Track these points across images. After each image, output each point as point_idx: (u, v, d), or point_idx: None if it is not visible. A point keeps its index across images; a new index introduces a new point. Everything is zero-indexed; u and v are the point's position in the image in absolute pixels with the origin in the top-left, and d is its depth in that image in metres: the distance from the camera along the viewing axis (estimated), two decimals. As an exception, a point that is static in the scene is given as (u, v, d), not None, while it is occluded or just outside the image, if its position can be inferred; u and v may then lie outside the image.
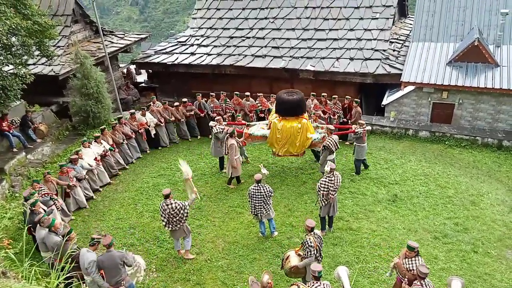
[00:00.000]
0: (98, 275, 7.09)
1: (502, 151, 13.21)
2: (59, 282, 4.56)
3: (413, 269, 6.66)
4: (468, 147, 13.54)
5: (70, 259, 6.11)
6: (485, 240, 9.32)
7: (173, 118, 14.42)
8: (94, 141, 12.10)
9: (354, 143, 12.07)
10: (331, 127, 11.68)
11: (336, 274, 6.67)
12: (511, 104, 13.65)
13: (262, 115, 14.65)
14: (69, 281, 6.21)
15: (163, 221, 8.71)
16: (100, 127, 13.07)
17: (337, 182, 9.06)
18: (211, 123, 12.50)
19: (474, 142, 13.66)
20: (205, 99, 14.96)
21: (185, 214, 8.63)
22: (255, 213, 9.25)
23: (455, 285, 6.23)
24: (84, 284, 6.60)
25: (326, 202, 9.13)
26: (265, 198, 9.04)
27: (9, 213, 8.59)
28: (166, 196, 8.54)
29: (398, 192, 11.19)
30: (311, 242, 7.28)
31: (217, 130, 12.05)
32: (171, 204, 8.50)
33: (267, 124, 12.33)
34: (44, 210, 8.92)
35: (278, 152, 11.95)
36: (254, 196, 9.04)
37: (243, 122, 13.01)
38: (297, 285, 6.53)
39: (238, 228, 10.08)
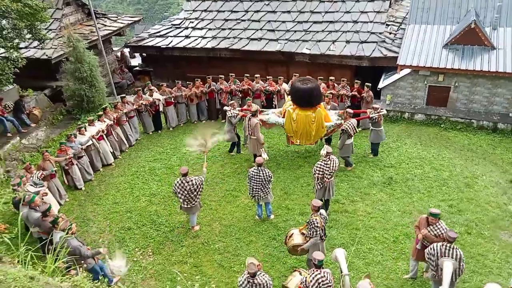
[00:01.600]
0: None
1: (497, 133, 13.28)
2: (56, 267, 4.58)
3: (441, 234, 7.11)
4: (463, 130, 13.59)
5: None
6: (479, 222, 9.44)
7: (184, 100, 14.28)
8: (98, 120, 12.12)
9: (370, 127, 11.92)
10: (350, 110, 11.43)
11: (334, 256, 6.76)
12: (507, 87, 13.66)
13: (270, 96, 14.49)
14: (66, 265, 6.24)
15: (180, 197, 8.86)
16: (102, 106, 13.06)
17: (333, 166, 9.05)
18: (225, 108, 12.42)
19: (469, 125, 13.70)
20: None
21: (201, 189, 8.93)
22: (253, 195, 9.30)
23: (447, 267, 6.33)
24: (80, 269, 6.64)
25: (321, 186, 9.17)
26: (264, 181, 9.06)
27: (4, 198, 8.54)
28: (185, 174, 8.72)
29: (394, 174, 11.26)
30: (317, 223, 7.34)
31: (231, 114, 11.95)
32: (191, 180, 8.75)
33: (280, 113, 12.19)
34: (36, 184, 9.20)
35: (294, 141, 11.82)
36: (253, 178, 9.06)
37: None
38: (299, 271, 6.62)
39: (235, 211, 10.14)
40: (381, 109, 11.77)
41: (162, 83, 14.74)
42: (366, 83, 13.40)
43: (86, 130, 11.63)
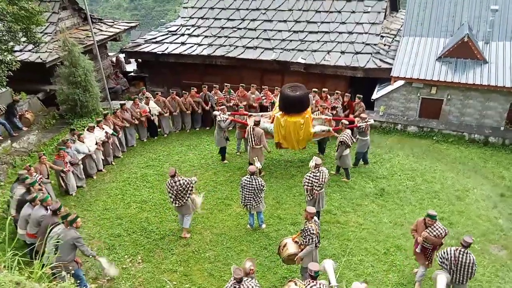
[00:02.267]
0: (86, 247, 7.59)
1: (488, 147, 13.39)
2: (43, 273, 4.51)
3: (440, 234, 7.46)
4: (455, 142, 13.69)
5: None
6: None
7: (178, 110, 14.28)
8: (96, 126, 12.08)
9: (357, 136, 12.03)
10: (346, 121, 11.49)
11: (322, 267, 6.73)
12: (498, 101, 13.81)
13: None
14: (54, 271, 6.15)
15: (170, 197, 9.06)
16: (103, 113, 13.09)
17: (322, 178, 8.98)
18: (215, 112, 12.56)
19: (461, 138, 13.81)
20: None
21: (190, 189, 9.06)
22: (245, 204, 9.26)
23: (441, 280, 6.33)
24: (68, 275, 6.56)
25: (311, 197, 9.15)
26: (256, 190, 9.03)
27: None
28: (173, 176, 8.95)
29: (386, 186, 11.29)
30: (313, 230, 7.35)
31: (220, 118, 12.05)
32: (179, 181, 8.93)
33: (270, 117, 12.26)
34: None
35: (282, 144, 11.90)
36: (246, 187, 9.03)
37: (246, 112, 12.96)
38: (294, 281, 6.58)
39: (226, 220, 10.09)
40: (369, 119, 11.90)
41: (157, 92, 14.69)
42: (358, 95, 13.47)
43: (85, 137, 11.56)
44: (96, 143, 11.81)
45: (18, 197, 8.75)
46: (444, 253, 7.15)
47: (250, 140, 11.19)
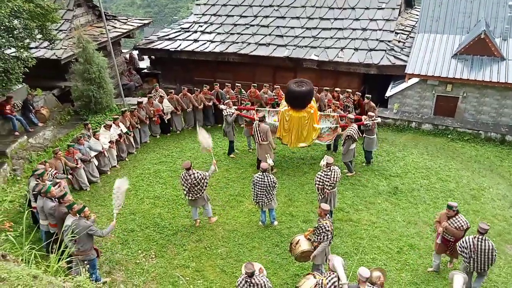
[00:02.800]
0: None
1: (505, 145, 13.16)
2: (59, 266, 4.58)
3: (461, 226, 7.67)
4: (471, 141, 13.48)
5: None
6: (485, 234, 9.31)
7: (191, 107, 14.39)
8: (113, 123, 12.23)
9: (364, 134, 11.97)
10: (351, 116, 11.57)
11: (331, 264, 6.63)
12: (516, 99, 13.56)
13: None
14: (69, 265, 6.25)
15: (184, 190, 9.22)
16: (121, 109, 13.27)
17: (334, 177, 8.89)
18: (221, 106, 12.75)
19: (477, 136, 13.60)
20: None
21: (205, 184, 9.22)
22: (257, 201, 9.26)
23: (457, 280, 6.24)
24: (84, 269, 6.64)
25: (322, 196, 9.11)
26: (268, 188, 9.02)
27: (10, 196, 8.61)
28: (188, 169, 9.05)
29: (399, 184, 11.18)
30: (328, 227, 7.34)
31: (226, 113, 12.24)
32: (193, 174, 9.05)
33: (277, 112, 12.30)
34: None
35: (288, 144, 11.98)
36: (258, 184, 9.03)
37: (253, 107, 13.00)
38: (313, 274, 6.57)
39: (238, 217, 10.11)
40: (376, 117, 11.86)
41: (170, 89, 14.77)
42: (366, 95, 13.37)
43: (100, 135, 11.70)
44: (110, 141, 11.97)
45: (31, 189, 8.94)
46: (463, 242, 7.30)
47: (256, 136, 11.26)
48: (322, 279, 6.23)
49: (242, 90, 14.49)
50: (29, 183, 9.38)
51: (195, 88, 14.85)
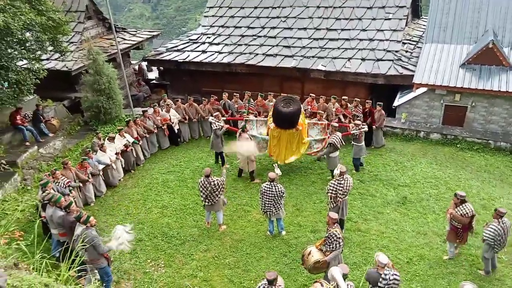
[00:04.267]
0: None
1: (515, 155, 13.03)
2: (69, 275, 4.61)
3: (466, 213, 8.16)
4: (480, 150, 13.38)
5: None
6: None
7: (196, 117, 14.47)
8: (118, 134, 12.28)
9: (352, 142, 12.19)
10: (335, 124, 11.81)
11: (330, 275, 6.53)
12: (525, 108, 13.47)
13: None
14: (80, 273, 6.28)
15: (202, 196, 9.45)
16: (126, 119, 13.39)
17: (346, 186, 8.93)
18: (210, 119, 12.83)
19: (486, 146, 13.50)
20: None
21: (222, 189, 9.45)
22: (265, 210, 9.26)
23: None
24: (93, 278, 6.68)
25: (334, 205, 9.08)
26: (276, 197, 9.02)
27: (21, 206, 8.71)
28: (207, 176, 9.28)
29: (408, 194, 11.10)
30: (338, 234, 7.33)
31: (216, 126, 12.27)
32: (213, 181, 9.26)
33: (265, 122, 12.40)
34: (59, 192, 9.27)
35: (280, 161, 11.89)
36: (265, 194, 9.03)
37: (241, 117, 13.13)
38: (320, 282, 6.53)
39: (246, 226, 10.09)
40: (363, 125, 12.07)
41: (177, 99, 14.90)
42: (378, 102, 13.36)
43: (107, 147, 11.70)
44: (116, 153, 11.97)
45: (40, 199, 9.02)
46: (490, 230, 7.82)
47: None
48: (329, 287, 6.18)
49: (251, 100, 14.57)
50: (38, 193, 9.49)
51: (202, 98, 14.95)
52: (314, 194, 11.21)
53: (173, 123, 14.04)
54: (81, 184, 10.73)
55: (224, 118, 12.92)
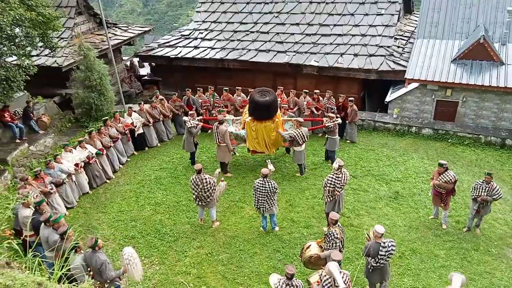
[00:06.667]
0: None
1: (505, 149, 13.18)
2: (62, 274, 4.59)
3: (450, 180, 9.08)
4: (471, 145, 13.50)
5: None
6: (486, 239, 9.33)
7: (161, 117, 13.97)
8: (78, 146, 11.36)
9: (327, 135, 12.35)
10: (301, 119, 11.85)
11: (327, 269, 6.60)
12: (515, 103, 13.61)
13: None
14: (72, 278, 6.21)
15: (193, 195, 9.39)
16: (87, 131, 12.32)
17: (344, 179, 9.03)
18: (185, 118, 12.62)
19: (477, 140, 13.62)
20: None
21: (214, 189, 9.34)
22: (258, 206, 9.27)
23: (456, 281, 6.27)
24: (87, 277, 6.62)
25: (331, 198, 9.13)
26: (269, 193, 9.04)
27: (12, 204, 8.59)
28: (199, 172, 9.11)
29: (400, 189, 11.19)
30: (336, 234, 7.39)
31: (191, 124, 12.10)
32: (205, 179, 9.15)
33: (241, 123, 12.34)
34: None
35: (266, 151, 11.94)
36: (258, 190, 9.05)
37: (215, 117, 13.02)
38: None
39: (239, 223, 10.11)
40: (336, 117, 12.23)
41: (168, 94, 14.76)
42: (349, 98, 13.44)
43: (62, 158, 10.76)
44: (76, 164, 10.95)
45: (25, 217, 8.08)
46: (474, 188, 9.05)
47: (215, 138, 11.50)
48: (322, 272, 6.41)
49: (215, 94, 14.48)
50: (17, 211, 8.52)
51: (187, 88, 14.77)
52: (307, 190, 11.25)
53: (135, 127, 13.30)
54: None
55: (200, 118, 12.72)
